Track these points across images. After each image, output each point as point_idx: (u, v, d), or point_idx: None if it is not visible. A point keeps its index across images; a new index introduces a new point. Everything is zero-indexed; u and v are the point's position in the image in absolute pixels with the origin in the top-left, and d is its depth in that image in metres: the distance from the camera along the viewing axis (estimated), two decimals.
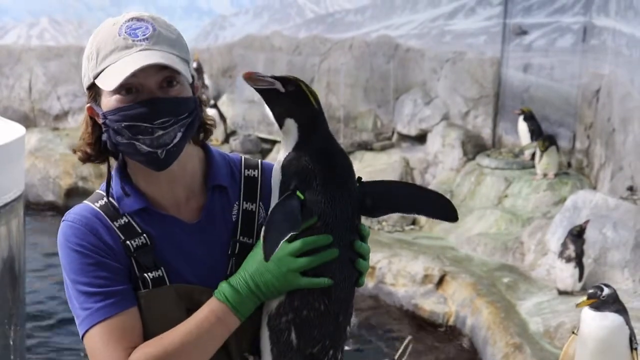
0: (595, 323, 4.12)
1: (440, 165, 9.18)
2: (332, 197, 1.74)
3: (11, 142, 4.94)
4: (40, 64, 12.14)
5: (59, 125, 12.08)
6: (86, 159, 1.82)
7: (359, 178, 1.82)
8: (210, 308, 1.76)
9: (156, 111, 1.69)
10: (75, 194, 10.00)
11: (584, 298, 4.23)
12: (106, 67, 1.70)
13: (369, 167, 9.37)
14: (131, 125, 1.70)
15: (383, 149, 9.72)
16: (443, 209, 1.83)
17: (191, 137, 1.80)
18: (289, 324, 1.76)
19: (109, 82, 1.68)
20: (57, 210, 9.97)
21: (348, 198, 1.77)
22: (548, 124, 8.78)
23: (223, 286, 1.77)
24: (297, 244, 1.72)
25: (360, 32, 10.40)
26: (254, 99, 10.83)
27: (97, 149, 1.80)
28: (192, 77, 1.79)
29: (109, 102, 1.71)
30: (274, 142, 10.31)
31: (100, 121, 1.75)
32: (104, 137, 1.77)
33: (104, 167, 1.84)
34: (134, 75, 1.66)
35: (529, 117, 8.53)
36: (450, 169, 9.02)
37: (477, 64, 9.38)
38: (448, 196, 8.64)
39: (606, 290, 4.12)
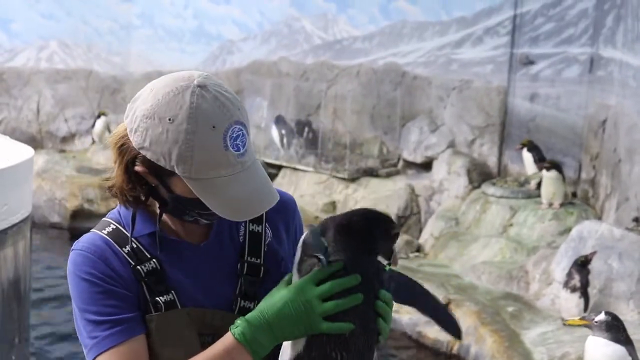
0: (599, 353, 4.10)
1: (445, 192, 9.17)
2: (352, 251, 1.77)
3: (20, 163, 4.95)
4: (48, 86, 12.21)
5: (65, 147, 12.13)
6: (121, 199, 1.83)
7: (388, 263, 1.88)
8: (224, 346, 1.72)
9: None
10: (80, 216, 10.01)
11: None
12: (205, 179, 1.68)
13: (374, 193, 9.37)
14: (208, 213, 1.74)
15: (388, 175, 9.73)
16: (450, 324, 1.93)
17: None
18: None
19: (227, 211, 1.70)
20: (63, 231, 9.99)
21: (368, 258, 1.81)
22: (554, 154, 8.78)
23: (240, 323, 1.73)
24: (326, 286, 1.72)
25: (368, 59, 10.45)
26: (260, 125, 10.86)
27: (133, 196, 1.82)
28: None
29: (190, 191, 1.71)
30: (280, 167, 10.33)
31: (166, 199, 1.76)
32: (156, 201, 1.80)
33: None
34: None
35: (533, 147, 8.55)
36: (455, 196, 9.02)
37: (484, 92, 9.41)
38: (453, 224, 8.57)
39: (600, 317, 4.09)
